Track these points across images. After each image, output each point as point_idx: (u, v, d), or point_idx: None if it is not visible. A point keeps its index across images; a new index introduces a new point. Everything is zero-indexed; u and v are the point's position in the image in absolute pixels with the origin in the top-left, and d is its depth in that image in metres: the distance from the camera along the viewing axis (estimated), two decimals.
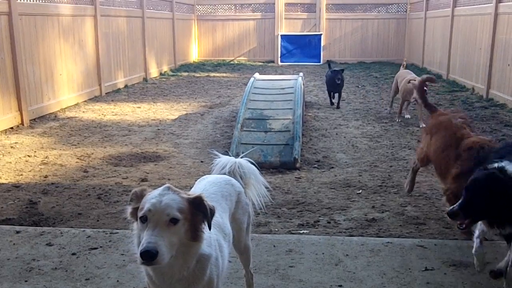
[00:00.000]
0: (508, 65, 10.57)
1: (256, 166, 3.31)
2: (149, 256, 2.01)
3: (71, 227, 4.54)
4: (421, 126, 8.57)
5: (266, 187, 3.39)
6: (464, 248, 3.98)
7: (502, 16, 11.03)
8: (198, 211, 2.22)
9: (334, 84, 10.97)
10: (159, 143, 7.81)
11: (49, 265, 3.75)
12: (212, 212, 2.26)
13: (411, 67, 18.95)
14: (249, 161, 3.29)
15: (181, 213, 2.14)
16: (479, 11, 12.45)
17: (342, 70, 11.22)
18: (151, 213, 2.09)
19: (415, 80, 8.74)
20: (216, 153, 3.33)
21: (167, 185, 2.25)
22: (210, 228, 2.26)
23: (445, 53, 15.35)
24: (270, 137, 7.19)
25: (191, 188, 3.03)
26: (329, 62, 12.74)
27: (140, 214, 2.13)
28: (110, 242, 4.12)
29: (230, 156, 3.32)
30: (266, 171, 6.38)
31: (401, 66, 11.06)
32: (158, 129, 8.72)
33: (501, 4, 11.07)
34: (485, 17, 11.95)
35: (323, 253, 3.91)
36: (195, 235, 2.21)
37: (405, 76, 9.70)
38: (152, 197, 2.16)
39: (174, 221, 2.11)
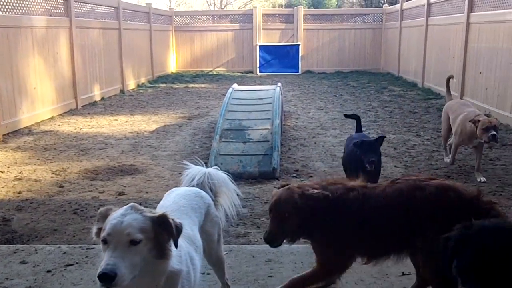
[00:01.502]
0: (480, 72, 10.76)
1: (228, 174, 3.31)
2: (107, 278, 1.97)
3: (46, 244, 4.44)
4: (479, 179, 6.23)
5: (238, 194, 3.38)
6: None
7: (473, 25, 11.26)
8: (163, 230, 2.19)
9: (362, 168, 5.01)
10: (136, 155, 7.72)
11: (23, 284, 3.65)
12: (179, 229, 2.23)
13: (387, 75, 19.23)
14: (219, 169, 3.28)
15: (143, 233, 2.10)
16: (452, 20, 12.67)
17: (381, 140, 5.36)
18: (111, 236, 2.07)
19: (478, 120, 6.14)
20: (186, 163, 3.30)
21: (131, 204, 2.23)
22: (176, 246, 2.22)
23: (420, 62, 15.58)
24: (249, 147, 7.16)
25: (160, 200, 3.00)
26: (356, 117, 6.51)
27: (101, 236, 2.11)
28: (86, 258, 4.04)
29: (200, 166, 3.29)
30: (245, 181, 6.36)
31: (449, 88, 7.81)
32: (136, 142, 8.63)
33: (472, 13, 11.31)
34: (458, 26, 12.17)
35: (302, 262, 3.89)
36: (162, 253, 2.18)
37: (460, 111, 6.74)
38: (113, 217, 2.13)
39: (134, 242, 2.08)
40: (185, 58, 21.97)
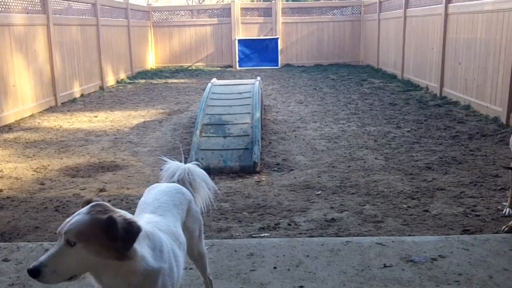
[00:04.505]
0: (459, 63, 10.88)
1: (207, 171, 3.35)
2: (30, 274, 2.06)
3: (28, 241, 4.43)
4: None
5: (215, 191, 3.41)
6: (420, 243, 4.08)
7: (451, 16, 11.36)
8: (109, 233, 2.13)
9: None
10: (117, 152, 7.71)
11: (6, 282, 3.65)
12: (130, 233, 2.14)
13: (366, 68, 19.38)
14: (199, 164, 3.32)
15: (82, 236, 2.08)
16: (430, 11, 12.78)
17: None
18: (57, 233, 2.14)
19: None
20: (165, 159, 3.33)
21: (95, 203, 2.21)
22: (126, 251, 2.14)
23: (399, 54, 15.71)
24: (229, 142, 7.20)
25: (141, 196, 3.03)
26: None
27: None
28: None
29: (179, 161, 3.32)
30: (226, 176, 6.41)
31: None
32: (116, 138, 8.61)
33: (450, 4, 11.40)
34: (436, 18, 12.28)
35: (284, 255, 3.94)
36: (119, 256, 2.13)
37: None
38: (73, 215, 2.18)
39: (70, 243, 2.09)
40: (164, 53, 21.86)
